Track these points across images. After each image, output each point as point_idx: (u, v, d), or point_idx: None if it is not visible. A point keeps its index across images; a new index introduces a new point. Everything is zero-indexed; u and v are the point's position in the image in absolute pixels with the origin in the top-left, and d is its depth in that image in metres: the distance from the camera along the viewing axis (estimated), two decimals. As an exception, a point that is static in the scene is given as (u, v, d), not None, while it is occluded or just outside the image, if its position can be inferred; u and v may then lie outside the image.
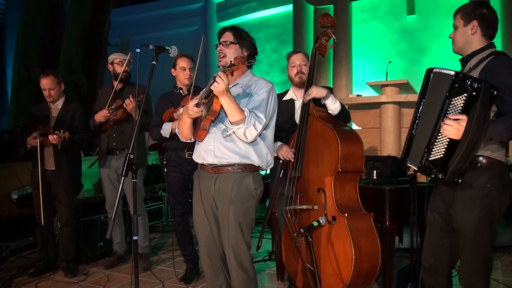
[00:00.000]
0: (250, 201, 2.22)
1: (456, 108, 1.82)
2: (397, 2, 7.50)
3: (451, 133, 1.80)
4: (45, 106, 3.62)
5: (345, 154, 2.47)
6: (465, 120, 1.75)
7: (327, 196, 2.49)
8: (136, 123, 2.23)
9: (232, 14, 9.73)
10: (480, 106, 1.75)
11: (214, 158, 2.19)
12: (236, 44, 2.24)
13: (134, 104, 3.33)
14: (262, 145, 2.23)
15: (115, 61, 3.61)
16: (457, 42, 2.08)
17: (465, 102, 1.79)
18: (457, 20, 2.07)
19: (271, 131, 2.28)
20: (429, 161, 1.92)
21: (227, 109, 2.03)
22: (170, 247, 4.39)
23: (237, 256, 2.20)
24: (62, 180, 3.51)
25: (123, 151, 3.60)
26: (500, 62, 1.90)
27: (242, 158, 2.17)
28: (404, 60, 7.30)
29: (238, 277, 2.22)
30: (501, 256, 3.83)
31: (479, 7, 2.01)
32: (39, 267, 3.59)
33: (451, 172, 1.85)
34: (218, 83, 1.93)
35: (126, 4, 11.68)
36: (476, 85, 1.76)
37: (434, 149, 1.90)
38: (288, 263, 2.75)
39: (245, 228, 2.21)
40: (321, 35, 2.76)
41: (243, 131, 2.07)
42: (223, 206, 2.20)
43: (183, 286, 3.30)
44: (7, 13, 10.23)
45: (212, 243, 2.28)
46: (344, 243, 2.39)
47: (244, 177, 2.19)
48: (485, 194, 1.91)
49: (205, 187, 2.25)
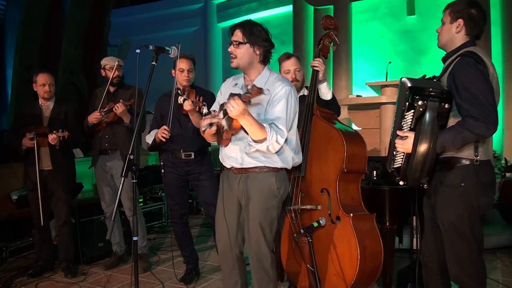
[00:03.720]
0: (273, 200, 2.21)
1: (407, 123, 1.94)
2: (397, 3, 7.51)
3: (402, 148, 1.95)
4: (36, 106, 3.60)
5: (350, 155, 2.49)
6: (412, 138, 1.90)
7: (331, 196, 2.50)
8: (136, 125, 2.24)
9: (232, 15, 9.73)
10: (428, 123, 1.86)
11: (237, 164, 2.21)
12: (246, 44, 2.13)
13: (124, 108, 3.37)
14: (287, 150, 2.22)
15: (106, 66, 3.63)
16: (441, 38, 2.11)
17: (412, 118, 1.91)
18: (445, 16, 2.08)
19: (294, 132, 2.26)
20: (394, 168, 2.05)
21: (248, 129, 2.01)
22: (170, 247, 4.39)
23: (258, 255, 2.21)
24: (59, 178, 3.52)
25: (115, 151, 3.62)
26: (462, 64, 1.92)
27: (266, 162, 2.18)
28: (404, 61, 7.31)
29: (257, 276, 2.24)
30: (501, 256, 3.83)
31: (468, 6, 2.01)
32: (37, 268, 3.59)
33: (411, 180, 1.98)
34: (233, 108, 1.88)
35: (126, 5, 11.68)
36: (422, 102, 1.85)
37: (396, 158, 2.03)
38: (288, 263, 2.75)
39: (267, 227, 2.21)
40: (324, 36, 2.80)
41: (265, 147, 2.07)
42: (245, 206, 2.22)
43: (183, 286, 3.30)
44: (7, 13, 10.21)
45: (231, 241, 2.30)
46: (349, 243, 2.40)
47: (268, 176, 2.19)
48: (460, 192, 1.96)
49: (230, 187, 2.28)
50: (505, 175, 4.81)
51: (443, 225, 2.01)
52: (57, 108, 3.61)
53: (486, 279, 2.05)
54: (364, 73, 7.43)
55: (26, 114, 3.63)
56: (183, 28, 10.52)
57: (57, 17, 9.49)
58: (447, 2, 2.15)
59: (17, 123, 3.66)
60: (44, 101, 3.59)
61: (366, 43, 7.72)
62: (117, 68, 3.57)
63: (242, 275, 2.37)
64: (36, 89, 3.56)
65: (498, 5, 6.47)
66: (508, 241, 4.07)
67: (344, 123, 2.82)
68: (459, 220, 1.96)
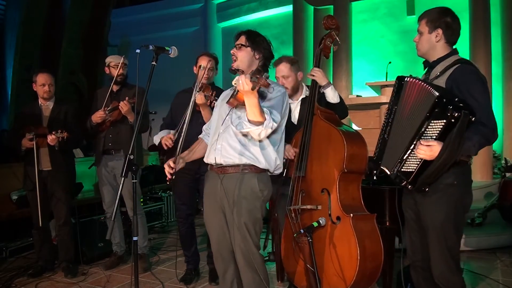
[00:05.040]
0: (256, 201, 2.22)
1: (434, 131, 1.92)
2: (397, 3, 7.50)
3: (424, 155, 1.91)
4: (36, 106, 3.60)
5: (350, 155, 2.49)
6: (439, 147, 1.87)
7: (332, 196, 2.50)
8: (136, 125, 2.24)
9: (232, 15, 9.72)
10: (457, 133, 1.85)
11: (221, 157, 2.22)
12: (248, 47, 2.26)
13: (129, 106, 3.39)
14: (271, 150, 2.24)
15: (110, 64, 3.64)
16: (421, 47, 2.18)
17: (442, 127, 1.89)
18: (421, 26, 2.15)
19: (282, 135, 2.30)
20: (401, 171, 2.04)
21: (249, 108, 2.01)
22: (170, 247, 4.39)
23: (245, 256, 2.22)
24: (58, 179, 3.52)
25: (118, 151, 3.63)
26: (466, 72, 2.00)
27: (248, 159, 2.19)
28: (404, 61, 7.29)
29: (246, 276, 2.25)
30: (501, 256, 3.83)
31: (444, 16, 2.10)
32: (37, 268, 3.59)
33: (420, 183, 1.99)
34: (241, 82, 1.91)
35: (126, 5, 11.67)
36: (456, 114, 1.83)
37: (408, 162, 2.02)
38: (288, 263, 2.75)
39: (252, 228, 2.22)
40: (325, 36, 2.80)
41: (259, 131, 2.08)
42: (228, 207, 2.23)
43: (183, 286, 3.30)
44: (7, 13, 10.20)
45: (222, 241, 2.32)
46: (349, 243, 2.40)
47: (249, 178, 2.20)
48: (452, 191, 2.01)
49: (213, 188, 2.30)
50: (505, 175, 4.81)
51: (432, 222, 2.05)
52: (57, 108, 3.61)
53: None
54: (364, 73, 7.42)
55: (26, 114, 3.64)
56: (183, 28, 10.51)
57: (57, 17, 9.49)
58: (446, 3, 2.15)
59: (17, 123, 3.66)
60: (44, 101, 3.59)
61: (366, 43, 7.72)
62: (122, 66, 3.58)
63: (238, 274, 2.36)
64: (36, 89, 3.57)
65: (498, 5, 6.46)
66: (508, 241, 4.07)
67: (344, 123, 2.82)
68: (448, 217, 2.01)
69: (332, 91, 2.82)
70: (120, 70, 3.58)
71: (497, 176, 5.61)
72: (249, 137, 2.18)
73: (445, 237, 2.02)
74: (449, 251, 2.03)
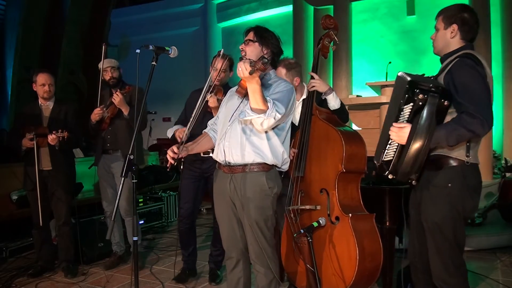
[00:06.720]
0: (266, 200, 2.24)
1: (404, 116, 1.92)
2: (397, 3, 7.51)
3: (396, 137, 1.91)
4: (36, 106, 3.61)
5: (349, 155, 2.49)
6: (408, 128, 1.87)
7: (331, 196, 2.50)
8: (136, 124, 2.24)
9: (232, 15, 9.72)
10: (426, 117, 1.84)
11: (229, 156, 2.23)
12: (255, 43, 2.29)
13: (121, 97, 3.43)
14: (277, 142, 2.24)
15: (102, 69, 3.66)
16: (437, 44, 2.14)
17: (410, 111, 1.89)
18: (438, 23, 2.12)
19: (288, 131, 2.30)
20: (384, 161, 2.03)
21: (251, 95, 2.01)
22: (170, 247, 4.39)
23: (257, 253, 2.25)
24: (59, 178, 3.52)
25: (116, 151, 3.66)
26: (461, 64, 1.94)
27: (255, 156, 2.20)
28: (404, 61, 7.30)
29: (259, 273, 2.29)
30: (501, 256, 3.83)
31: (461, 11, 2.05)
32: (37, 268, 3.59)
33: (401, 173, 1.96)
34: (240, 68, 1.92)
35: (126, 5, 11.68)
36: (422, 96, 1.83)
37: (388, 151, 2.01)
38: (287, 263, 2.75)
39: (264, 226, 2.24)
40: (324, 36, 2.80)
41: (261, 120, 2.07)
42: (239, 206, 2.26)
43: (183, 286, 3.30)
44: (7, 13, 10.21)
45: (232, 239, 2.36)
46: (348, 244, 2.40)
47: (258, 176, 2.21)
48: (446, 193, 1.98)
49: (222, 187, 2.32)
50: (505, 175, 4.81)
51: (427, 223, 2.04)
52: (57, 108, 3.61)
53: (467, 277, 2.07)
54: (364, 73, 7.42)
55: (26, 114, 3.64)
56: (183, 28, 10.52)
57: (57, 17, 9.50)
58: (447, 3, 2.15)
59: (17, 123, 3.66)
60: (44, 101, 3.60)
61: (366, 43, 7.72)
62: (110, 69, 3.63)
63: (246, 273, 2.40)
64: (36, 89, 3.57)
65: (498, 5, 6.46)
66: (508, 241, 4.07)
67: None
68: (443, 220, 1.98)
69: (334, 97, 2.82)
70: (109, 74, 3.63)
71: (497, 176, 5.60)
72: (254, 130, 2.18)
73: (441, 239, 2.00)
74: (446, 253, 2.00)
